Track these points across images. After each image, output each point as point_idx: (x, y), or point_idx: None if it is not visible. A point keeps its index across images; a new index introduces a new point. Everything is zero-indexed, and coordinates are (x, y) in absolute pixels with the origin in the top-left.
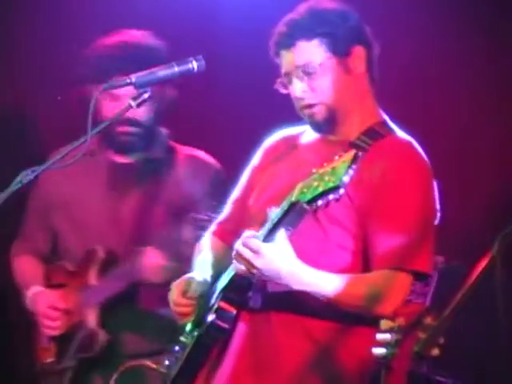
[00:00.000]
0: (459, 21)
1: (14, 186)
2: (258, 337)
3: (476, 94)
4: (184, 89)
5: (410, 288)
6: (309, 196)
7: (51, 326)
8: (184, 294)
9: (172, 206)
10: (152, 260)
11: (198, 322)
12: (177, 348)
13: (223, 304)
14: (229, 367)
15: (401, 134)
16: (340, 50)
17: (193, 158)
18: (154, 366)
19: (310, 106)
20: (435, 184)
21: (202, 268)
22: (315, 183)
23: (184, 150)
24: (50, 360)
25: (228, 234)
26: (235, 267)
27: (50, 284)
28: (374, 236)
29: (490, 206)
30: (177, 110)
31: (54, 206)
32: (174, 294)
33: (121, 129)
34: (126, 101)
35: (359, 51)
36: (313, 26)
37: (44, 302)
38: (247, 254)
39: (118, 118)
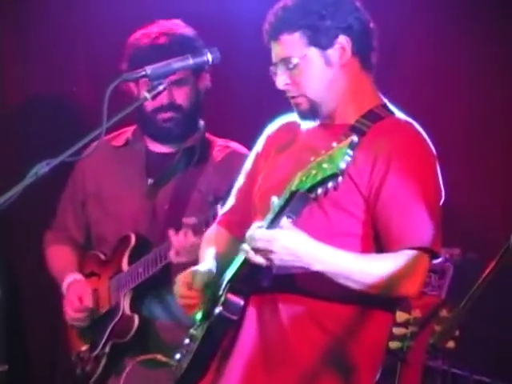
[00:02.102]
0: (464, 19)
1: (29, 178)
2: (266, 328)
3: (488, 82)
4: None
5: (428, 270)
6: (308, 184)
7: (73, 316)
8: (189, 285)
9: (206, 196)
10: (181, 239)
11: (207, 314)
12: (187, 341)
13: (230, 295)
14: (239, 360)
15: (401, 115)
16: (322, 42)
17: (227, 149)
18: (165, 359)
19: (294, 97)
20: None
21: (207, 259)
22: (313, 171)
23: (219, 141)
24: (84, 348)
25: (234, 225)
26: (252, 261)
27: (82, 273)
28: (386, 220)
29: (506, 198)
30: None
31: (89, 196)
32: (179, 286)
33: (163, 115)
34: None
35: (344, 41)
36: (296, 18)
37: (74, 291)
38: (261, 243)
39: (129, 111)
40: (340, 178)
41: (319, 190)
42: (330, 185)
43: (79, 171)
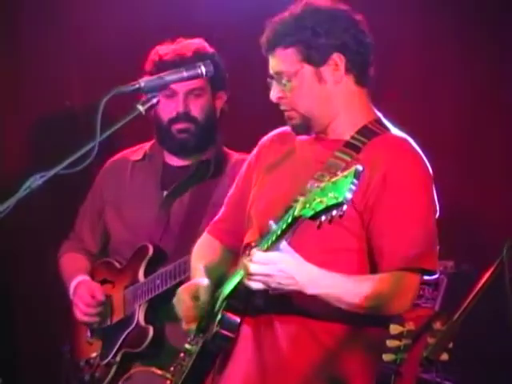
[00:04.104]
0: (461, 22)
1: (23, 191)
2: (262, 342)
3: (485, 91)
4: None
5: (419, 286)
6: (311, 212)
7: (84, 311)
8: (195, 298)
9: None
10: None
11: (202, 328)
12: (182, 355)
13: (227, 312)
14: (235, 374)
15: (395, 131)
16: (315, 59)
17: (244, 162)
18: (160, 372)
19: (286, 110)
20: (432, 179)
21: (201, 272)
22: (318, 199)
23: (236, 155)
24: (94, 355)
25: (225, 234)
26: (250, 287)
27: (94, 279)
28: (379, 237)
29: (500, 210)
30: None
31: (106, 205)
32: (187, 297)
33: (179, 126)
34: (181, 96)
35: (337, 59)
36: (290, 32)
37: (84, 289)
38: (259, 268)
39: (124, 124)
40: (345, 207)
41: (323, 218)
42: (334, 213)
43: (98, 184)
